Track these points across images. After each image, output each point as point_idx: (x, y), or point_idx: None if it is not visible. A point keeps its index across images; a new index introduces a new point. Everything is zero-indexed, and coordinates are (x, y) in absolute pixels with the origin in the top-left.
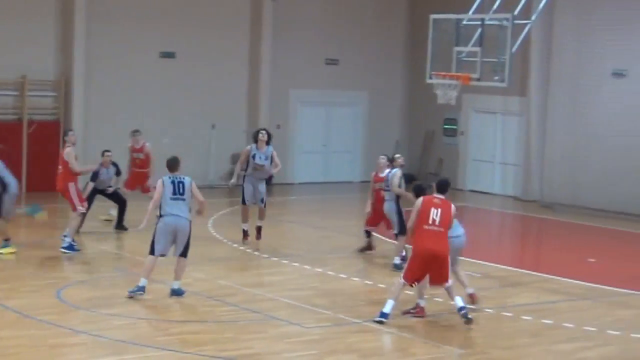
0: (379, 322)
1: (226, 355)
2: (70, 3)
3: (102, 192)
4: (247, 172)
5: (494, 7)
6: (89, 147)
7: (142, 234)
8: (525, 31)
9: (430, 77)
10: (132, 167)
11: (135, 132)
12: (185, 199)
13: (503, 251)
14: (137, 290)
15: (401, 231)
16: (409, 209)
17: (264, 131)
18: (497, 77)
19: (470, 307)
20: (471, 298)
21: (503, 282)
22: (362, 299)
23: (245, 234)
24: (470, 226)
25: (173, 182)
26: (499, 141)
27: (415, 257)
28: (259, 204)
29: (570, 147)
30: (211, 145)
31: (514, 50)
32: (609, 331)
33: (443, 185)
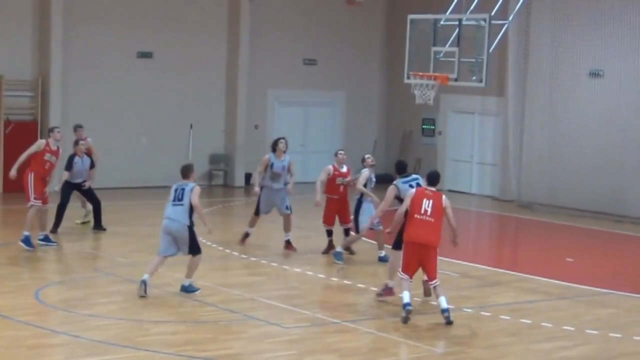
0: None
1: (206, 355)
2: (47, 3)
3: (78, 188)
4: (265, 181)
5: (471, 7)
6: (66, 147)
7: (121, 234)
8: (502, 31)
9: (408, 77)
10: None
11: (77, 126)
12: (183, 204)
13: (481, 251)
14: (140, 285)
15: (356, 230)
16: (394, 208)
17: (283, 140)
18: (474, 77)
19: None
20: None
21: (481, 282)
22: (341, 299)
23: (246, 236)
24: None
25: (175, 190)
26: (476, 141)
27: (406, 246)
28: (285, 211)
29: (548, 147)
30: (189, 145)
31: (491, 51)
32: (587, 330)
33: (433, 178)
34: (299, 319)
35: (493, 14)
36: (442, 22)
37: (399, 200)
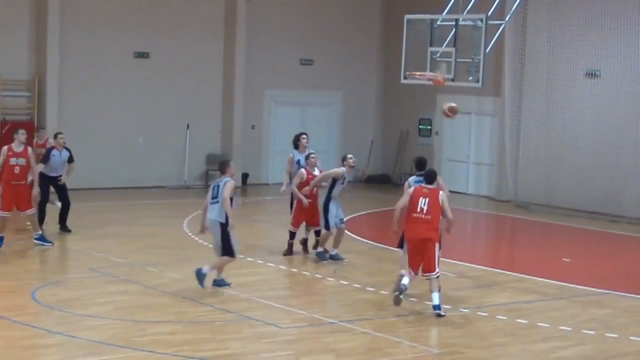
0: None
1: (202, 355)
2: (44, 3)
3: (54, 183)
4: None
5: (468, 7)
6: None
7: (118, 235)
8: (498, 32)
9: (405, 77)
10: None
11: (39, 128)
12: (219, 201)
13: (478, 251)
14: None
15: (327, 227)
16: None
17: (305, 135)
18: (471, 78)
19: (446, 307)
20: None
21: (478, 282)
22: (337, 299)
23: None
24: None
25: (213, 188)
26: (473, 141)
27: (408, 243)
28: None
29: (544, 147)
30: (186, 145)
31: (487, 51)
32: (584, 330)
33: (430, 175)
34: (296, 319)
35: (490, 14)
36: (438, 23)
37: None
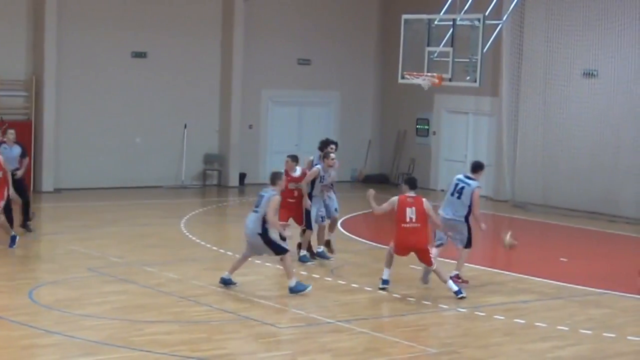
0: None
1: (199, 355)
2: (41, 2)
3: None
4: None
5: (465, 7)
6: (60, 146)
7: (115, 234)
8: (496, 31)
9: (403, 77)
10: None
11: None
12: (258, 212)
13: (475, 251)
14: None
15: (308, 226)
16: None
17: (333, 145)
18: (469, 77)
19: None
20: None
21: (475, 282)
22: (335, 299)
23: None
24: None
25: (258, 195)
26: (470, 141)
27: (398, 250)
28: (334, 214)
29: (542, 147)
30: (183, 145)
31: (485, 51)
32: (581, 330)
33: (412, 182)
34: (293, 318)
35: (487, 14)
36: (436, 22)
37: None
